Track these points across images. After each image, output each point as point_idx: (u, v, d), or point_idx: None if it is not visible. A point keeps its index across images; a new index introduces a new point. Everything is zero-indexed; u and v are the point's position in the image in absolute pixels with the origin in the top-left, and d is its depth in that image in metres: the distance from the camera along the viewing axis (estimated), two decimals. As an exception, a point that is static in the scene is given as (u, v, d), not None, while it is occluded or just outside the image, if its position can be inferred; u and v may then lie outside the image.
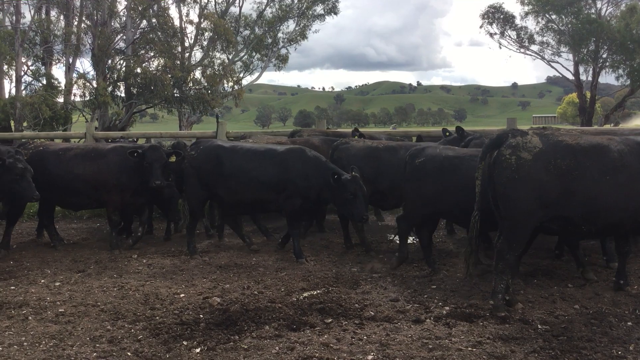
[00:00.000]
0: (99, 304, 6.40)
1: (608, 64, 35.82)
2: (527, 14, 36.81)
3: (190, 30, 28.79)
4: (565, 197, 5.96)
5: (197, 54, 29.16)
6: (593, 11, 36.45)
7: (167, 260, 8.59)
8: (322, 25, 32.77)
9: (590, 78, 37.03)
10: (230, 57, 30.35)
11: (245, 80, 32.58)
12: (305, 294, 6.66)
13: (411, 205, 7.75)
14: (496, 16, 37.84)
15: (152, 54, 26.44)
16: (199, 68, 28.10)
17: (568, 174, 5.93)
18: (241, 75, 31.55)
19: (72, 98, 24.06)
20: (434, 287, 6.96)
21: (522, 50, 38.63)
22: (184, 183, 9.31)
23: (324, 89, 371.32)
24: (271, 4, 31.30)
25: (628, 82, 35.88)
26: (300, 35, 32.13)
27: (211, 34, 27.95)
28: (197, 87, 26.74)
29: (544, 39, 37.53)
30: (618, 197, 5.99)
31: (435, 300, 6.41)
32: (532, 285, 6.94)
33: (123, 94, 25.91)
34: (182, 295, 6.73)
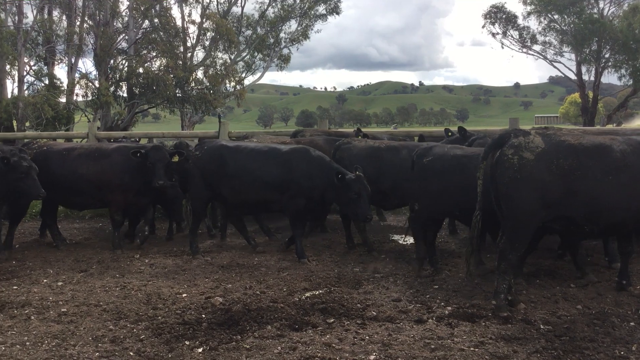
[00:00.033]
0: (101, 304, 6.41)
1: (610, 64, 35.74)
2: (529, 13, 36.77)
3: (193, 30, 28.79)
4: (567, 197, 5.96)
5: (199, 54, 29.17)
6: (595, 11, 36.38)
7: (169, 260, 8.60)
8: (324, 25, 32.82)
9: (592, 78, 36.98)
10: (233, 57, 30.33)
11: (248, 80, 32.59)
12: (308, 294, 6.67)
13: (420, 204, 7.69)
14: (498, 16, 37.79)
15: (155, 54, 26.39)
16: (201, 68, 28.08)
17: (570, 174, 5.92)
18: (243, 75, 31.55)
19: (75, 98, 24.05)
20: (436, 287, 6.96)
21: (525, 50, 38.58)
22: (187, 183, 9.32)
23: (326, 89, 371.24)
24: (273, 4, 31.29)
25: (630, 82, 35.79)
26: (303, 35, 32.11)
27: (213, 34, 27.93)
28: (199, 87, 26.72)
29: (547, 38, 37.50)
30: (620, 197, 5.99)
31: (438, 301, 6.41)
32: (535, 285, 6.94)
33: (125, 94, 25.88)
34: (184, 295, 6.73)
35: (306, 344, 5.21)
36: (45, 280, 7.50)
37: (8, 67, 22.15)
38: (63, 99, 23.31)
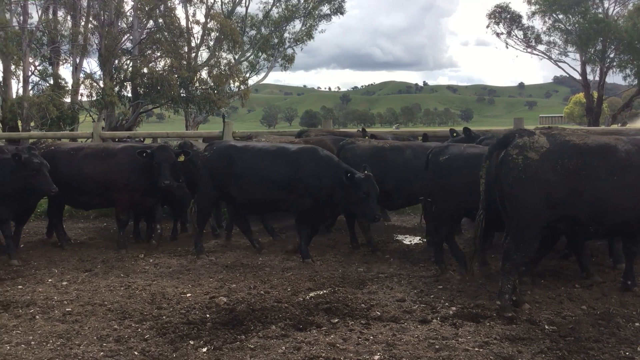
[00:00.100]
0: (106, 304, 6.43)
1: (615, 63, 35.66)
2: (534, 13, 36.70)
3: (197, 30, 28.82)
4: (572, 197, 5.95)
5: (204, 54, 29.18)
6: (600, 11, 36.29)
7: (173, 259, 8.61)
8: (329, 25, 32.76)
9: (597, 78, 36.88)
10: (237, 57, 30.34)
11: (252, 80, 32.55)
12: (312, 294, 6.67)
13: (438, 204, 7.62)
14: (503, 16, 37.72)
15: (159, 54, 26.44)
16: (206, 68, 28.10)
17: (575, 174, 5.91)
18: (247, 75, 31.53)
19: (79, 98, 24.11)
20: (441, 287, 6.95)
21: (529, 50, 38.49)
22: (195, 183, 9.35)
23: (330, 88, 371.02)
24: (277, 4, 31.29)
25: (635, 82, 35.74)
26: (307, 35, 32.10)
27: (217, 34, 27.94)
28: (204, 87, 26.73)
29: (551, 38, 37.40)
30: (625, 197, 5.98)
31: (442, 301, 6.40)
32: (540, 285, 6.92)
33: (130, 94, 25.93)
34: (188, 294, 6.74)
35: (310, 344, 5.21)
36: (50, 280, 7.52)
37: (13, 67, 22.23)
38: (68, 99, 23.38)
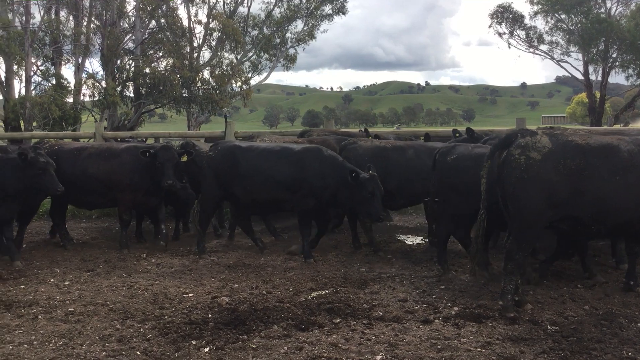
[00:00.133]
0: (108, 303, 6.43)
1: (618, 63, 35.55)
2: (536, 13, 36.59)
3: (199, 30, 28.81)
4: (574, 197, 5.94)
5: (206, 54, 29.18)
6: (603, 11, 36.18)
7: (175, 259, 8.62)
8: (331, 25, 32.71)
9: (599, 78, 36.76)
10: (239, 57, 30.35)
11: (254, 80, 32.56)
12: (314, 294, 6.67)
13: (445, 204, 7.59)
14: (505, 16, 37.64)
15: (161, 54, 26.44)
16: (208, 68, 28.09)
17: (578, 174, 5.90)
18: (249, 75, 31.53)
19: (82, 98, 24.09)
20: (443, 287, 6.94)
21: (531, 50, 38.39)
22: (198, 183, 9.37)
23: (332, 89, 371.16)
24: (279, 4, 31.27)
25: (638, 82, 35.63)
26: (309, 35, 32.08)
27: (220, 34, 27.93)
28: (206, 87, 26.72)
29: (553, 38, 37.28)
30: (628, 197, 5.97)
31: (444, 301, 6.40)
32: (542, 285, 6.91)
33: (132, 94, 25.93)
34: (190, 294, 6.74)
35: (312, 344, 5.21)
36: (52, 280, 7.53)
37: (15, 67, 22.21)
38: (70, 99, 23.37)
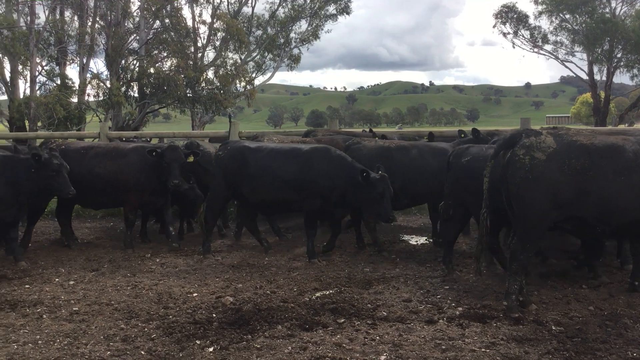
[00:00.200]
0: (112, 303, 6.44)
1: (622, 63, 35.49)
2: (540, 13, 36.57)
3: (203, 30, 28.90)
4: (579, 198, 5.92)
5: (210, 54, 29.24)
6: (607, 10, 36.11)
7: (180, 259, 8.63)
8: (335, 25, 32.84)
9: (604, 78, 36.71)
10: (243, 57, 30.39)
11: (258, 80, 32.62)
12: (318, 294, 6.67)
13: (459, 205, 7.52)
14: (509, 16, 37.61)
15: (165, 54, 26.49)
16: (212, 68, 28.14)
17: (582, 174, 5.89)
18: (253, 75, 31.60)
19: (86, 98, 24.17)
20: (447, 287, 6.94)
21: (536, 49, 38.35)
22: (203, 183, 9.39)
23: (336, 89, 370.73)
24: (284, 4, 31.32)
25: (642, 82, 35.62)
26: (313, 35, 32.12)
27: (224, 34, 27.99)
28: (210, 87, 26.77)
29: (558, 38, 37.25)
30: (633, 197, 5.95)
31: (449, 301, 6.39)
32: (546, 286, 6.89)
33: (136, 94, 25.97)
34: (195, 294, 6.75)
35: (317, 344, 5.21)
36: (57, 280, 7.55)
37: (20, 67, 22.28)
38: (75, 99, 23.45)
